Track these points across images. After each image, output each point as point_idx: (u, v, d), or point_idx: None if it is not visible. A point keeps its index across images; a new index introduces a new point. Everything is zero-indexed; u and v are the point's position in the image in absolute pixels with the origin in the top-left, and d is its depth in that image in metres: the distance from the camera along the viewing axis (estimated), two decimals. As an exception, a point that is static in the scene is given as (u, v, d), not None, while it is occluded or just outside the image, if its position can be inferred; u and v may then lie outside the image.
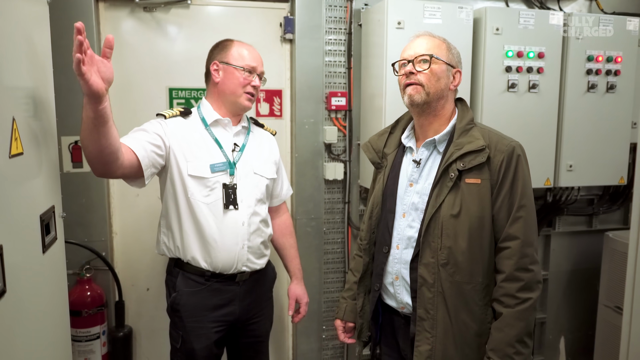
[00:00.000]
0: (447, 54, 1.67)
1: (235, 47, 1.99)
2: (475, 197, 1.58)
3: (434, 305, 1.60)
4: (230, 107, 1.99)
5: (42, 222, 1.35)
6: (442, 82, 1.64)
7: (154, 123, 1.92)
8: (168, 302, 2.02)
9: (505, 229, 1.57)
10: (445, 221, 1.58)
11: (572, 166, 2.69)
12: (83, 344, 2.38)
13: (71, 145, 2.41)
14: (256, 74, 1.99)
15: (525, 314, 1.54)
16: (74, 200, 2.42)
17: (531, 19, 2.53)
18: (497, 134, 1.64)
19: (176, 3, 2.52)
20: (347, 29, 2.70)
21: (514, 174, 1.57)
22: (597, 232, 3.15)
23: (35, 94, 1.37)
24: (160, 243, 2.02)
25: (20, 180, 1.22)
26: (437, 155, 1.68)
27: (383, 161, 1.83)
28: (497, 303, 1.59)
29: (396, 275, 1.71)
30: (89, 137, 1.51)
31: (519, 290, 1.54)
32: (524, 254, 1.55)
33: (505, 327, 1.55)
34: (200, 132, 1.97)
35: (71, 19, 2.30)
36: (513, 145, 1.60)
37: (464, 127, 1.65)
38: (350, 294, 1.95)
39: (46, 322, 1.39)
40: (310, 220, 2.76)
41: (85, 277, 2.41)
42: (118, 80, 2.50)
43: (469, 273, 1.59)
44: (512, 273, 1.55)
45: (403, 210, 1.71)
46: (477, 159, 1.57)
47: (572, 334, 3.29)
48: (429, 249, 1.61)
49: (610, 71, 2.67)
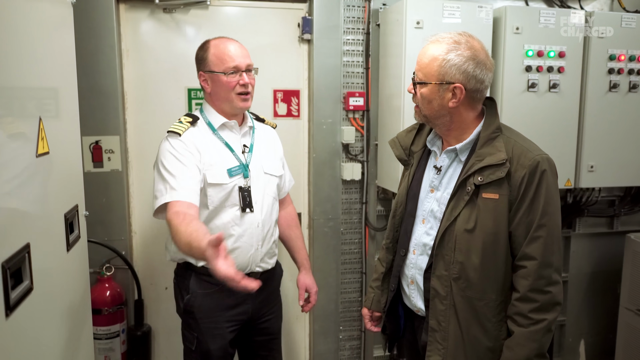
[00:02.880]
0: (439, 71, 1.50)
1: (213, 50, 1.91)
2: (491, 213, 1.50)
3: (445, 318, 1.57)
4: (229, 110, 1.95)
5: (67, 220, 1.37)
6: (434, 104, 1.54)
7: (183, 152, 1.84)
8: (180, 304, 2.00)
9: (522, 248, 1.49)
10: (459, 235, 1.53)
11: (593, 167, 2.65)
12: (103, 342, 2.40)
13: (92, 145, 2.44)
14: (242, 70, 1.90)
15: (538, 335, 1.47)
16: (94, 199, 2.44)
17: (551, 18, 2.50)
18: (522, 146, 1.52)
19: (195, 4, 2.54)
20: (365, 29, 2.69)
21: (536, 190, 1.48)
22: (618, 234, 3.09)
23: (60, 95, 1.39)
24: (172, 251, 1.98)
25: (46, 179, 1.24)
26: (458, 164, 1.61)
27: (410, 159, 1.77)
28: (510, 321, 1.53)
29: (411, 280, 1.69)
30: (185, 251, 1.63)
31: (532, 311, 1.47)
32: (540, 275, 1.47)
33: (516, 347, 1.49)
34: (210, 137, 1.93)
35: (93, 21, 2.36)
36: (538, 160, 1.48)
37: (488, 136, 1.54)
38: (378, 284, 1.90)
39: (70, 319, 1.41)
40: (328, 220, 2.76)
41: (105, 276, 2.44)
42: (138, 81, 2.54)
43: (481, 289, 1.53)
44: (526, 294, 1.48)
45: (423, 215, 1.67)
46: (496, 173, 1.48)
47: (592, 337, 3.24)
48: (442, 261, 1.57)
49: (632, 70, 2.62)
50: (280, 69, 2.70)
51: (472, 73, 1.49)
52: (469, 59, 1.49)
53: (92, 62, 2.38)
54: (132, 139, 2.56)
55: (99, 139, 2.44)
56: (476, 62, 1.49)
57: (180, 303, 2.00)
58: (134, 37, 2.52)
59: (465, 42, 1.51)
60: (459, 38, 1.51)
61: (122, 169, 2.49)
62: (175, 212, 1.69)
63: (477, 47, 1.52)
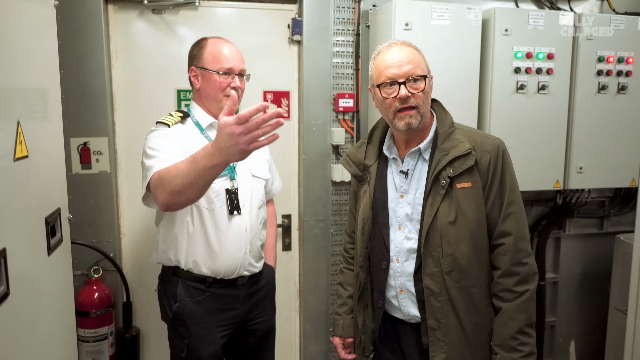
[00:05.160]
0: (426, 65, 1.63)
1: (209, 48, 1.91)
2: (470, 201, 1.57)
3: (443, 314, 1.59)
4: (216, 111, 1.92)
5: (48, 224, 1.36)
6: (429, 98, 1.63)
7: (171, 137, 1.81)
8: (168, 312, 1.96)
9: (497, 226, 1.59)
10: (443, 229, 1.57)
11: (582, 168, 2.66)
12: (91, 345, 2.39)
13: (80, 147, 2.43)
14: (235, 74, 1.91)
15: (525, 305, 1.56)
16: (82, 201, 2.44)
17: (541, 20, 2.50)
18: (479, 134, 1.65)
19: (184, 5, 2.53)
20: (355, 30, 2.69)
21: (502, 171, 1.59)
22: (608, 235, 3.11)
23: (41, 97, 1.38)
24: (159, 252, 1.96)
25: (26, 183, 1.23)
26: (423, 163, 1.65)
27: (365, 174, 1.78)
28: (496, 298, 1.61)
29: (400, 288, 1.68)
30: (196, 189, 1.47)
31: (516, 284, 1.57)
32: (518, 248, 1.57)
33: (508, 321, 1.56)
34: (197, 137, 1.91)
35: (81, 22, 2.35)
36: (497, 143, 1.61)
37: (446, 131, 1.63)
38: (345, 308, 1.92)
39: (51, 324, 1.40)
40: (318, 222, 2.76)
41: (93, 278, 2.42)
42: (127, 82, 2.53)
43: (475, 276, 1.59)
44: (509, 268, 1.57)
45: (398, 222, 1.68)
46: (465, 162, 1.57)
47: (582, 338, 3.25)
48: (431, 258, 1.59)
49: (621, 72, 2.63)
50: (270, 70, 2.69)
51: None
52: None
53: (81, 63, 2.37)
54: (121, 140, 2.55)
55: (87, 141, 2.43)
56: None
57: (168, 311, 1.96)
58: (123, 38, 2.51)
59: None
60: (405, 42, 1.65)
61: (110, 171, 2.47)
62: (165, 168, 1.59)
63: None
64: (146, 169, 1.71)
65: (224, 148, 1.30)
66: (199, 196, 1.55)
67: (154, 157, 1.71)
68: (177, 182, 1.46)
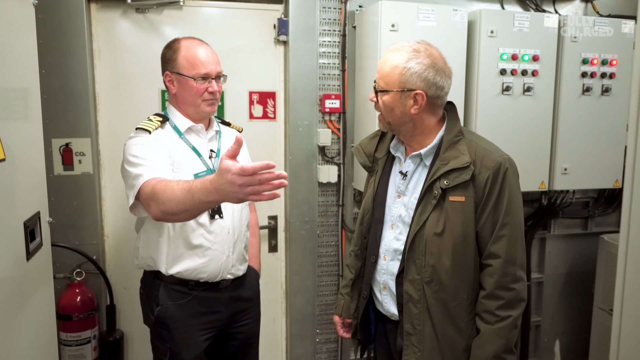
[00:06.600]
0: (400, 79, 1.53)
1: (184, 53, 1.85)
2: (459, 215, 1.53)
3: (420, 321, 1.59)
4: (195, 115, 1.90)
5: (27, 228, 1.33)
6: (397, 111, 1.57)
7: (153, 143, 1.78)
8: (150, 316, 1.93)
9: (488, 247, 1.54)
10: (429, 239, 1.55)
11: (567, 169, 2.67)
12: (73, 349, 2.35)
13: (62, 148, 2.39)
14: (211, 78, 1.86)
15: (504, 331, 1.52)
16: (65, 203, 2.40)
17: (526, 22, 2.51)
18: (484, 148, 1.57)
19: (169, 4, 2.50)
20: (341, 31, 2.68)
21: (500, 190, 1.52)
22: (592, 235, 3.13)
23: (19, 97, 1.35)
24: (140, 258, 1.93)
25: (2, 187, 1.20)
26: (423, 169, 1.63)
27: (374, 165, 1.79)
28: (478, 318, 1.58)
29: (384, 285, 1.70)
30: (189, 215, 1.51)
31: (499, 308, 1.52)
32: (505, 272, 1.52)
33: (485, 344, 1.53)
34: (176, 141, 1.87)
35: (62, 21, 2.31)
36: (500, 161, 1.54)
37: (451, 140, 1.58)
38: (347, 290, 1.91)
39: (31, 328, 1.37)
40: (304, 223, 2.74)
41: (76, 281, 2.38)
42: (110, 82, 2.50)
43: (453, 291, 1.56)
44: (493, 291, 1.53)
45: (391, 221, 1.68)
46: (461, 176, 1.52)
47: (567, 337, 3.27)
48: (414, 265, 1.58)
49: (605, 74, 2.65)
50: (256, 70, 2.67)
51: (433, 80, 1.53)
52: (429, 67, 1.53)
53: (63, 62, 2.33)
54: (104, 141, 2.51)
55: (69, 141, 2.39)
56: (436, 69, 1.53)
57: (150, 315, 1.93)
58: (106, 38, 2.47)
59: (425, 51, 1.55)
60: (419, 47, 1.55)
61: (93, 172, 2.44)
62: (159, 180, 1.58)
63: (436, 55, 1.56)
64: (132, 177, 1.68)
65: (222, 190, 1.29)
66: (192, 219, 1.63)
67: (140, 165, 1.69)
68: (172, 206, 1.47)
